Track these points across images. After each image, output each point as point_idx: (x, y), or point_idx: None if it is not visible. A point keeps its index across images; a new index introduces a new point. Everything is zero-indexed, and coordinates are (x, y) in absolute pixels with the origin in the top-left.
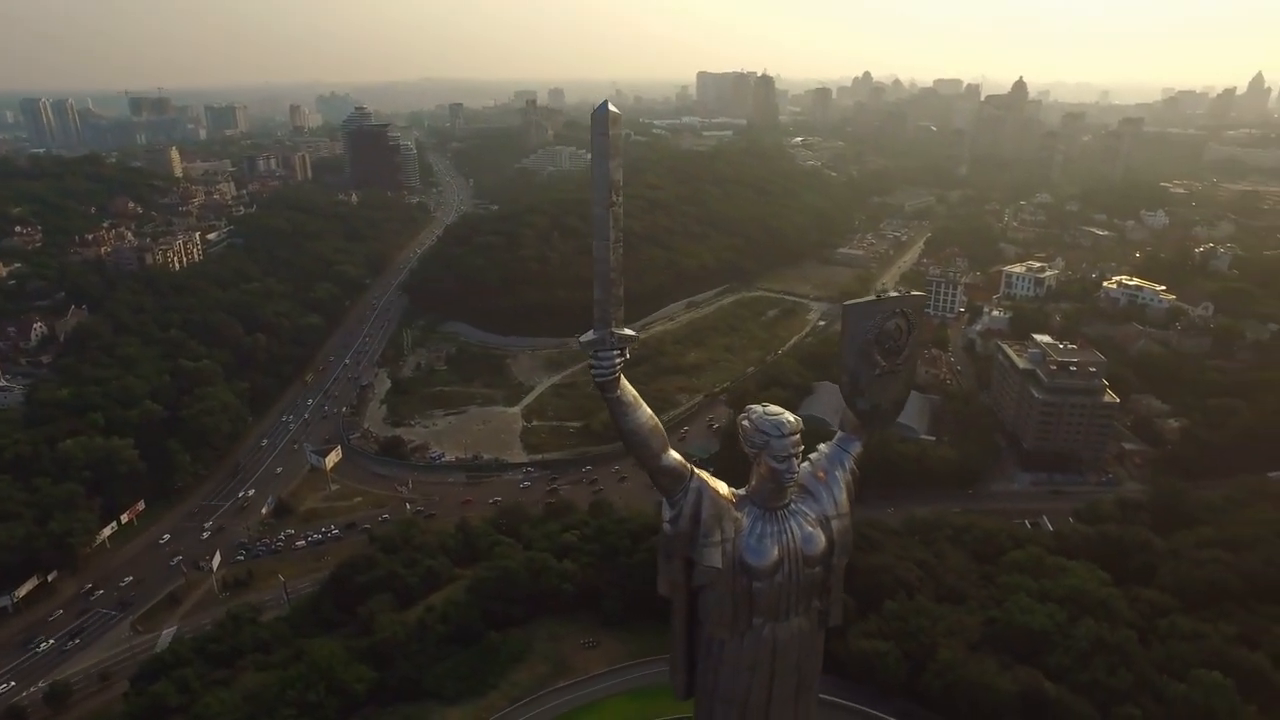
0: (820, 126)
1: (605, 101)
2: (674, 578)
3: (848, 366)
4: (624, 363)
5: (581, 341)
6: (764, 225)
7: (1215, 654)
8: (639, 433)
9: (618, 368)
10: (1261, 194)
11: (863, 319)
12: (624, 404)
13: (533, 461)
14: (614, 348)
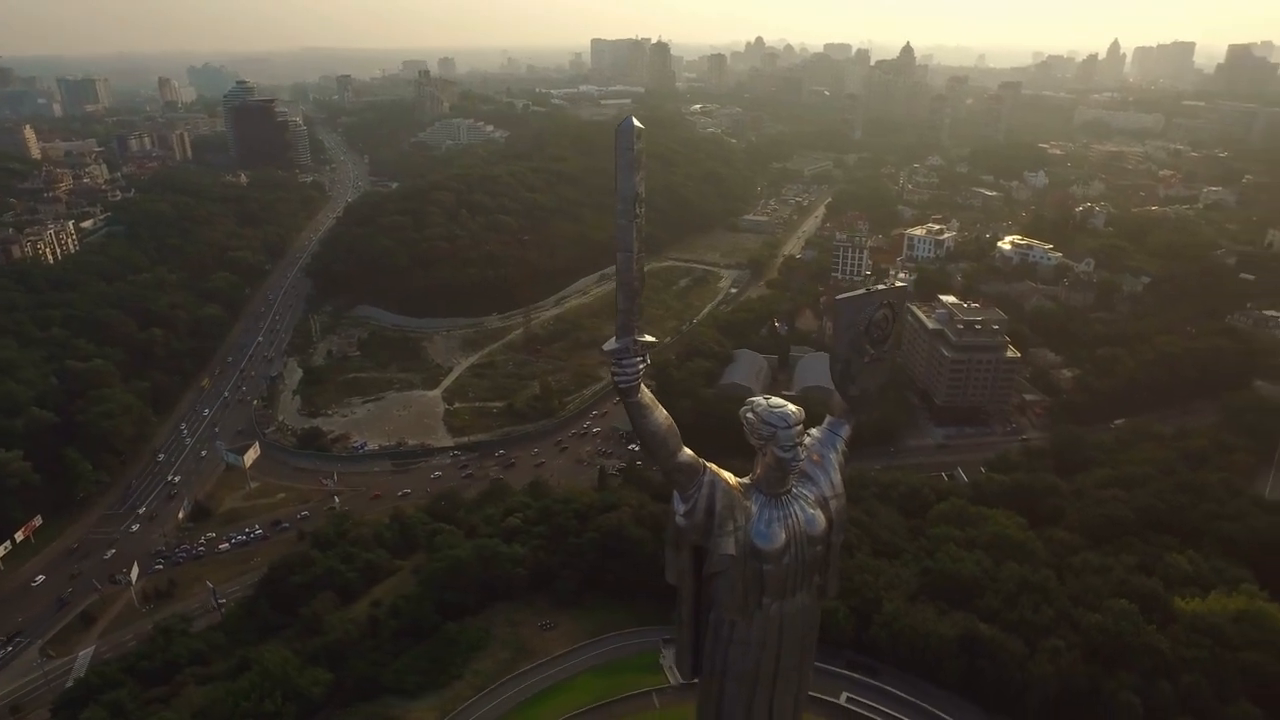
0: (717, 93)
1: (630, 117)
2: (682, 567)
3: (840, 356)
4: (646, 368)
5: (605, 350)
6: (670, 194)
7: (1120, 583)
8: (658, 434)
9: (640, 374)
10: (1125, 154)
11: (854, 311)
12: (643, 407)
13: (459, 445)
14: (637, 355)
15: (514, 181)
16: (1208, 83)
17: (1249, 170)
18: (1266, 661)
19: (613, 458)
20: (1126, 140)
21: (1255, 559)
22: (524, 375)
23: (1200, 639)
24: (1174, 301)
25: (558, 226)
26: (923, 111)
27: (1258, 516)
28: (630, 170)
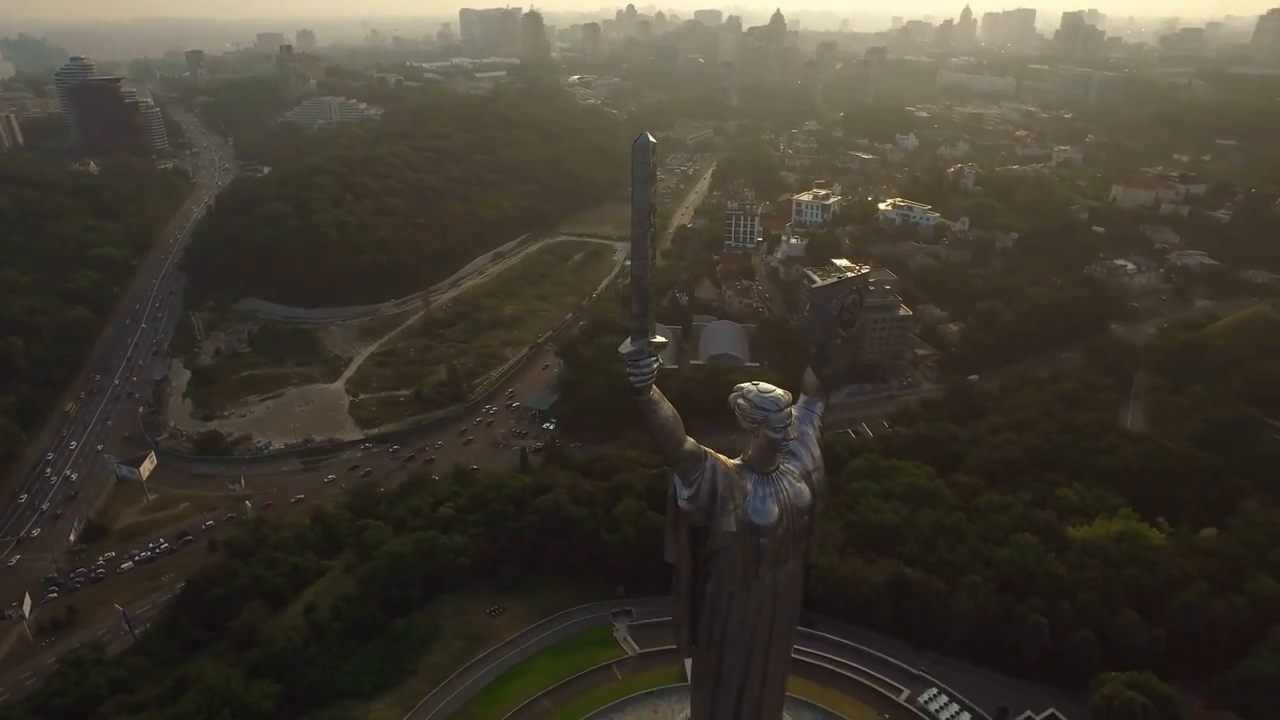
0: (593, 63)
1: (645, 133)
2: (681, 546)
3: (816, 340)
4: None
5: (622, 353)
6: (557, 168)
7: (1020, 519)
8: (666, 426)
9: (654, 374)
10: (984, 116)
11: (828, 299)
12: (654, 403)
13: (369, 437)
14: (651, 356)
15: (398, 162)
16: (1049, 48)
17: (1090, 130)
18: (1143, 575)
19: (528, 438)
20: (984, 102)
21: (1127, 486)
22: (428, 361)
23: (1090, 561)
24: (1039, 255)
25: (447, 206)
26: (795, 77)
27: (1126, 448)
28: (645, 184)
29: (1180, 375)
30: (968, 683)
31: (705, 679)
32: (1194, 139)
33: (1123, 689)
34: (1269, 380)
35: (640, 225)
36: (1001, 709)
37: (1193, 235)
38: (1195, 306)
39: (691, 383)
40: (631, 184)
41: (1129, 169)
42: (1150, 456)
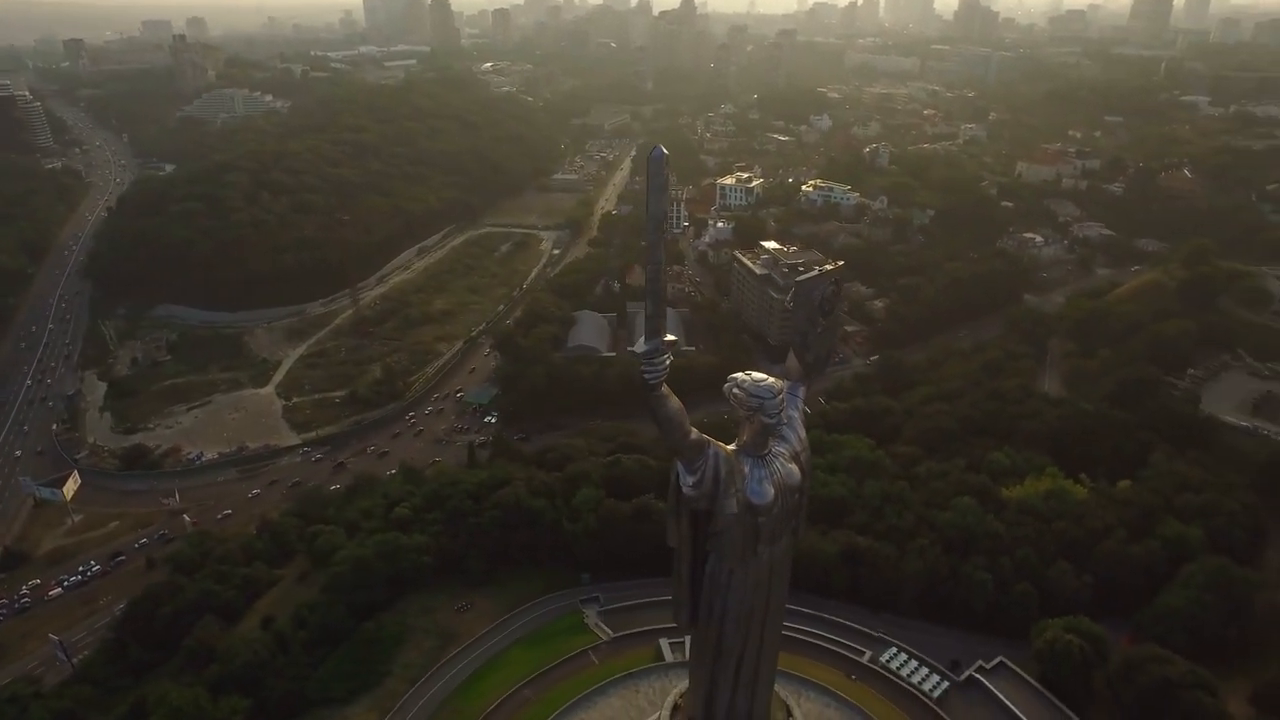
0: (504, 49)
1: (659, 146)
2: (683, 530)
3: (800, 329)
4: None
5: (635, 352)
6: (477, 159)
7: (959, 483)
8: (674, 419)
9: (666, 371)
10: (893, 96)
11: (810, 290)
12: (664, 398)
13: (307, 441)
14: (664, 354)
15: (314, 157)
16: (948, 28)
17: (992, 108)
18: (1071, 528)
19: (470, 432)
20: (891, 82)
21: (1051, 447)
22: (360, 360)
23: (1024, 519)
24: (955, 231)
25: (369, 201)
26: (708, 60)
27: (1048, 412)
28: (660, 193)
29: (1089, 340)
30: (922, 640)
31: (706, 653)
32: (1085, 116)
33: (1061, 633)
34: (1166, 341)
35: (655, 232)
36: (954, 661)
37: (1091, 208)
38: (1097, 275)
39: (631, 369)
40: (647, 193)
41: (1031, 145)
42: (1069, 418)
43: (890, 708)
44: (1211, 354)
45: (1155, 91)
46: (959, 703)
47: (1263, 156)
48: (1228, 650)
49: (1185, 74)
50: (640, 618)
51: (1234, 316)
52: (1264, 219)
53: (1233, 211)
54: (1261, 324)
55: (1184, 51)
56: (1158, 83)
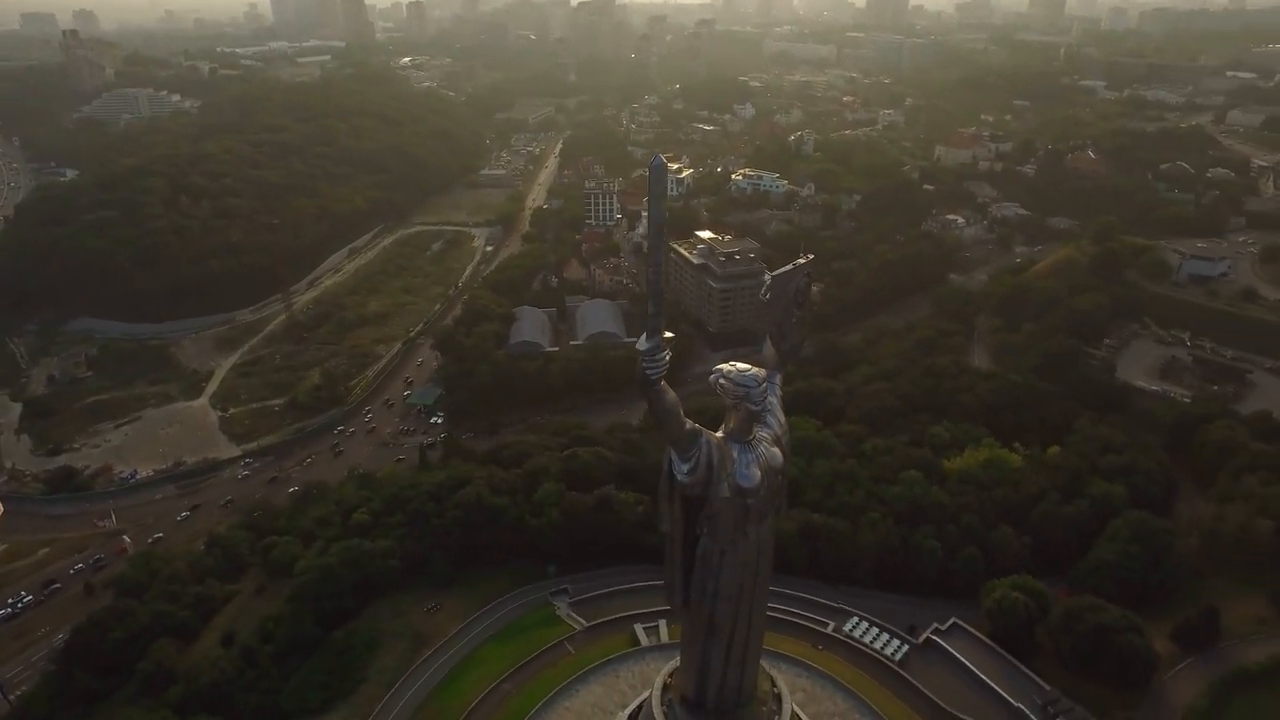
0: (420, 43)
1: (658, 155)
2: (675, 516)
3: (776, 319)
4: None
5: (639, 348)
6: (402, 156)
7: (904, 458)
8: (673, 410)
9: (666, 367)
10: (813, 83)
11: (785, 283)
12: (662, 391)
13: (248, 452)
14: (664, 351)
15: (233, 159)
16: (861, 15)
17: (908, 94)
18: (1009, 494)
19: (416, 434)
20: (810, 69)
21: (986, 418)
22: (297, 366)
23: (966, 488)
24: (881, 214)
25: (295, 203)
26: (629, 51)
27: (980, 385)
28: (660, 200)
29: (1013, 315)
30: (881, 607)
31: (698, 631)
32: (995, 100)
33: (1007, 591)
34: (1082, 314)
35: (655, 236)
36: (911, 625)
37: (1006, 188)
38: (1016, 253)
39: (575, 363)
40: (649, 200)
41: (946, 130)
42: (1001, 390)
43: (857, 673)
44: (1122, 324)
45: (1056, 76)
46: (919, 663)
47: (1155, 138)
48: (1151, 595)
49: (1082, 60)
50: (612, 606)
51: (1140, 288)
52: (1159, 196)
53: (1133, 190)
54: (1164, 294)
55: (1080, 38)
56: (1059, 68)
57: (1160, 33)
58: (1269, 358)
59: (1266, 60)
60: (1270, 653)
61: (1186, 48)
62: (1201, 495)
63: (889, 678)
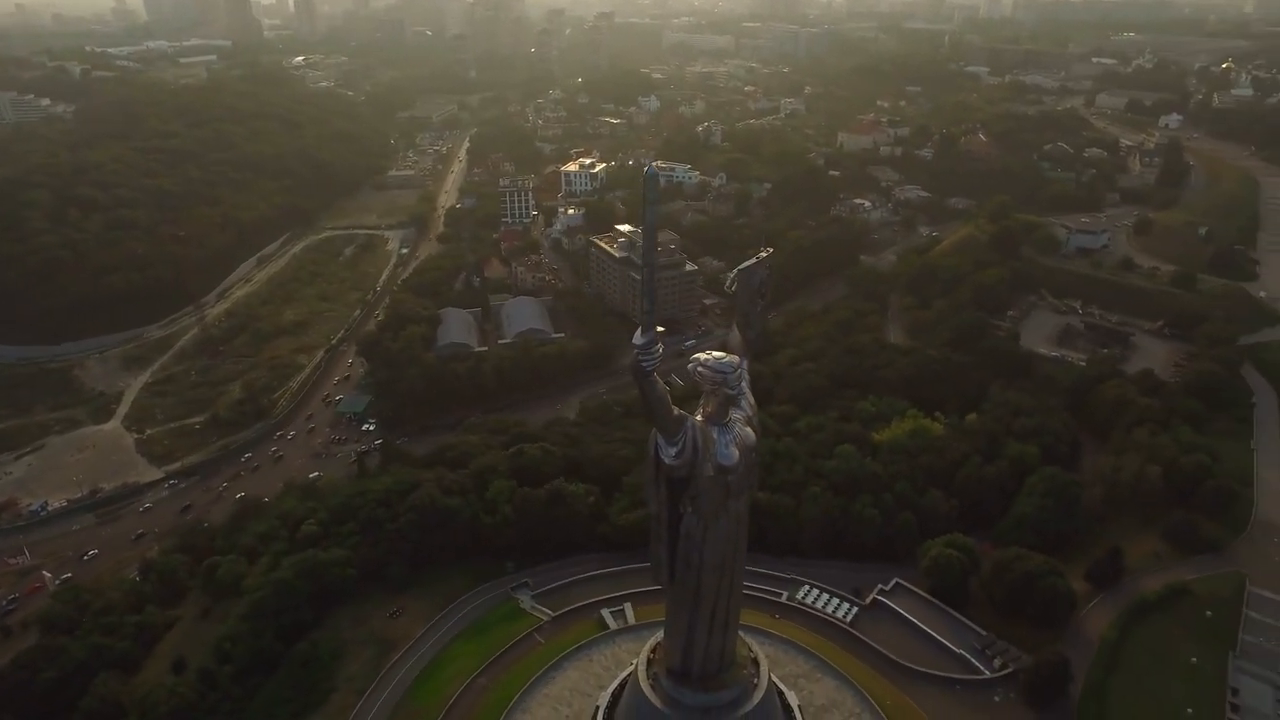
0: (311, 41)
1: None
2: (662, 497)
3: (742, 309)
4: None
5: (635, 343)
6: (306, 160)
7: (836, 434)
8: (663, 398)
9: (659, 359)
10: (714, 74)
11: (751, 276)
12: (654, 381)
13: (172, 473)
14: (657, 344)
15: (123, 167)
16: (757, 5)
17: (806, 82)
18: (935, 460)
19: (349, 443)
20: (710, 60)
21: (907, 391)
22: (215, 381)
23: (896, 457)
24: (791, 201)
25: (197, 212)
26: (529, 45)
27: (900, 361)
28: (653, 206)
29: (923, 293)
30: (827, 575)
31: (684, 602)
32: (889, 87)
33: (942, 550)
34: (986, 288)
35: (649, 239)
36: (857, 589)
37: (907, 172)
38: (920, 233)
39: (506, 362)
40: (643, 207)
41: (846, 117)
42: (919, 364)
43: (814, 636)
44: (1021, 296)
45: (944, 63)
46: (868, 622)
47: (1036, 121)
48: (1064, 541)
49: (966, 47)
50: (576, 594)
51: (1034, 262)
52: (1044, 176)
53: (1020, 170)
54: (1055, 267)
55: (962, 26)
56: (945, 55)
57: (1032, 20)
58: (1147, 320)
59: (1123, 47)
60: (1165, 582)
61: (1056, 35)
62: (1101, 449)
63: (843, 637)
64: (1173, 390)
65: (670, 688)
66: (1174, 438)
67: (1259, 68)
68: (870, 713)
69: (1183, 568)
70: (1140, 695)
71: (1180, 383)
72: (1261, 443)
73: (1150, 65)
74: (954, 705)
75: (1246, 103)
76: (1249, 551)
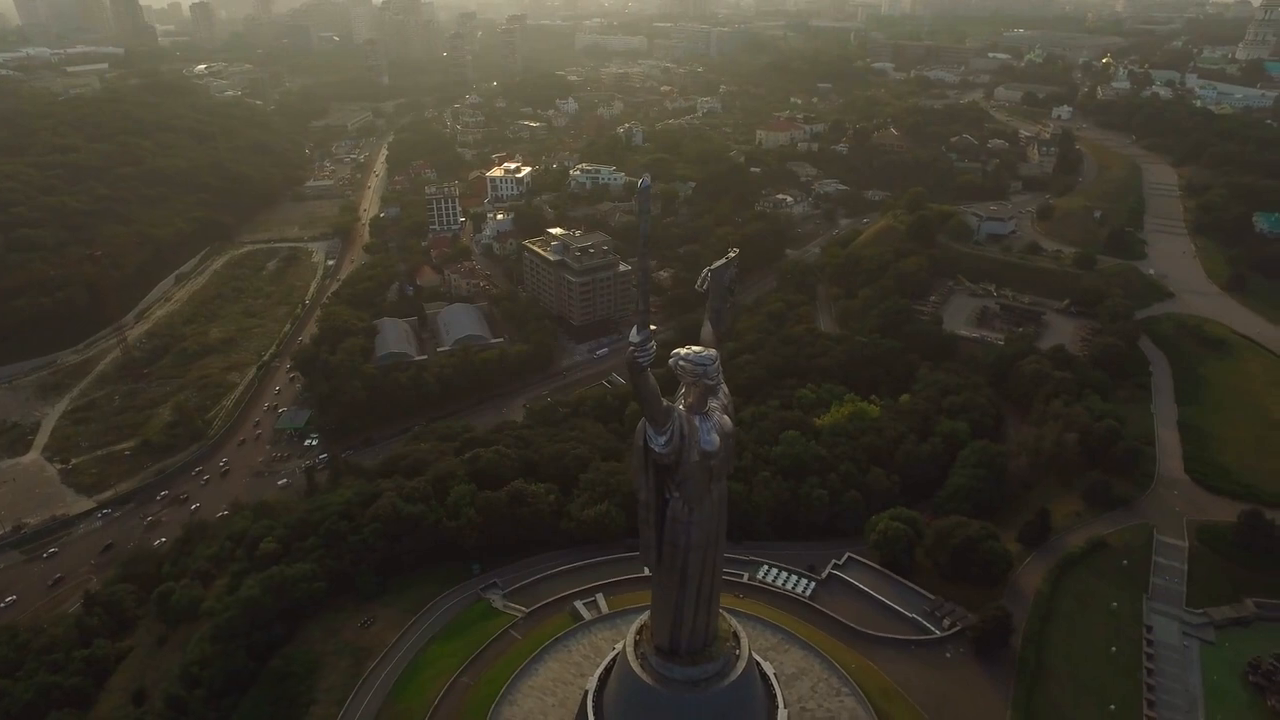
0: (212, 48)
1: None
2: (650, 484)
3: (714, 305)
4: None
5: (631, 340)
6: (220, 173)
7: (780, 421)
8: (656, 392)
9: (654, 354)
10: (630, 75)
11: (722, 275)
12: (648, 375)
13: (104, 503)
14: (651, 341)
15: (19, 184)
16: (666, 5)
17: (721, 81)
18: (875, 440)
19: (292, 459)
20: (624, 61)
21: (843, 376)
22: (141, 405)
23: (839, 440)
24: (716, 199)
25: (108, 231)
26: (440, 50)
27: (834, 348)
28: (646, 214)
29: (849, 283)
30: (783, 554)
31: (671, 584)
32: (800, 84)
33: (889, 523)
34: (908, 276)
35: (643, 245)
36: (811, 565)
37: (825, 166)
38: (840, 225)
39: (448, 369)
40: (638, 215)
41: (762, 114)
42: (852, 350)
43: (778, 611)
44: (941, 282)
45: (851, 60)
46: (825, 595)
47: (942, 114)
48: (996, 507)
49: (871, 43)
50: (547, 589)
51: (950, 249)
52: (953, 166)
53: (930, 161)
54: (969, 252)
55: (865, 23)
56: (852, 51)
57: (930, 17)
58: (1055, 300)
59: (1016, 43)
60: (1086, 537)
61: (954, 30)
62: (1022, 420)
63: (804, 611)
64: (1082, 363)
65: (659, 665)
66: (1086, 406)
67: (1134, 63)
68: (836, 677)
69: (1100, 523)
70: (1071, 639)
71: (1088, 356)
72: (1159, 407)
73: (1040, 60)
74: (910, 664)
75: (1125, 95)
76: (1154, 505)
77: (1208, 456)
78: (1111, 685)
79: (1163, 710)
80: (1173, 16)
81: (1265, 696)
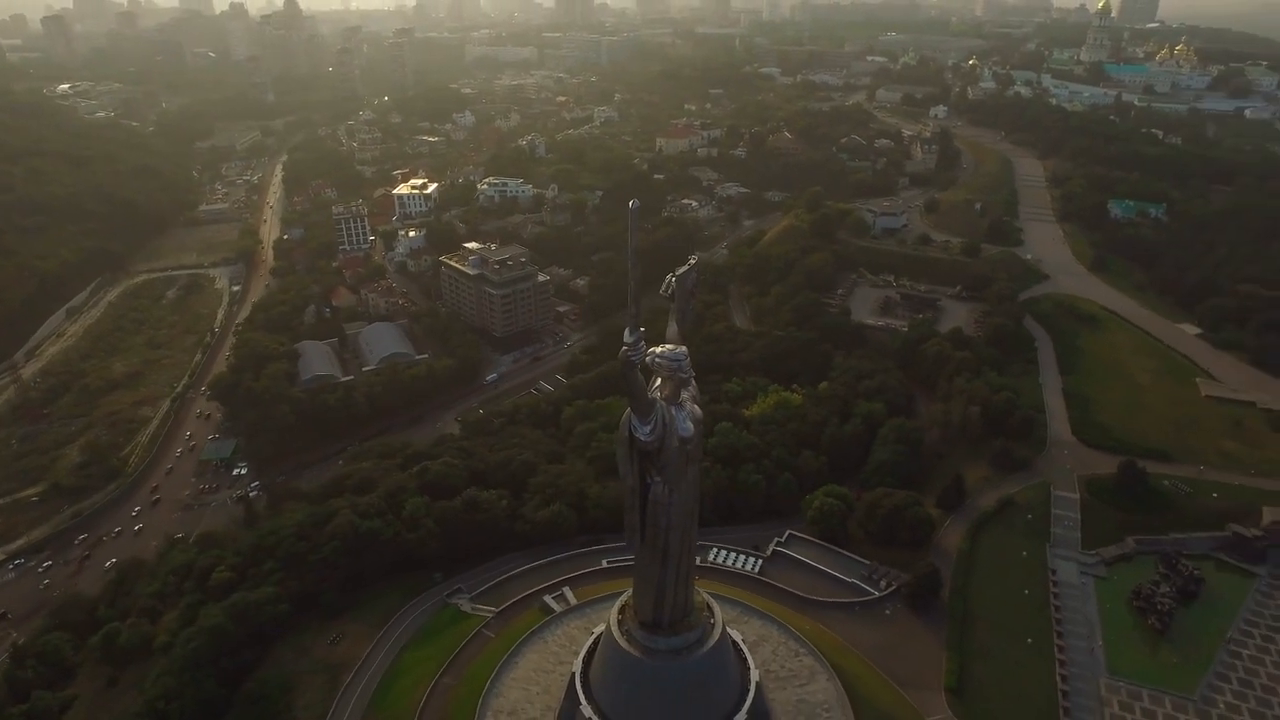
0: (72, 65)
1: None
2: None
3: (679, 307)
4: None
5: (626, 341)
6: (103, 199)
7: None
8: (643, 386)
9: (644, 352)
10: (523, 86)
11: (685, 279)
12: (638, 373)
13: (14, 552)
14: (642, 340)
15: None
16: (553, 15)
17: (615, 89)
18: (801, 427)
19: (221, 490)
20: (516, 72)
21: (764, 369)
22: (45, 448)
23: (768, 428)
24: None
25: None
26: (326, 65)
27: (753, 343)
28: (635, 232)
29: (759, 281)
30: (729, 537)
31: (654, 561)
32: (693, 90)
33: (824, 499)
34: (815, 271)
35: (633, 255)
36: (755, 545)
37: (725, 170)
38: (745, 226)
39: (377, 387)
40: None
41: (659, 121)
42: (770, 344)
43: (732, 588)
44: (845, 275)
45: (739, 66)
46: (772, 570)
47: (830, 116)
48: (915, 478)
49: (756, 49)
50: (513, 588)
51: (850, 244)
52: (845, 166)
53: (823, 162)
54: (868, 246)
55: (749, 29)
56: (739, 57)
57: (809, 22)
58: (948, 287)
59: (891, 46)
60: (996, 498)
61: (833, 35)
62: (930, 397)
63: (755, 585)
64: (978, 343)
65: (644, 638)
66: (985, 382)
67: (996, 64)
68: (794, 640)
69: (1006, 484)
70: (990, 587)
71: (982, 336)
72: (1046, 378)
73: (914, 62)
74: (856, 623)
75: (992, 94)
76: (1049, 464)
77: (1089, 418)
78: (1027, 622)
79: (1069, 639)
80: (1025, 20)
81: (1145, 617)
